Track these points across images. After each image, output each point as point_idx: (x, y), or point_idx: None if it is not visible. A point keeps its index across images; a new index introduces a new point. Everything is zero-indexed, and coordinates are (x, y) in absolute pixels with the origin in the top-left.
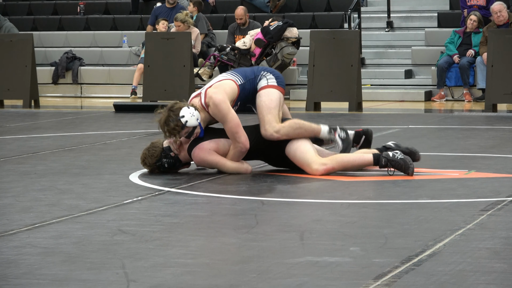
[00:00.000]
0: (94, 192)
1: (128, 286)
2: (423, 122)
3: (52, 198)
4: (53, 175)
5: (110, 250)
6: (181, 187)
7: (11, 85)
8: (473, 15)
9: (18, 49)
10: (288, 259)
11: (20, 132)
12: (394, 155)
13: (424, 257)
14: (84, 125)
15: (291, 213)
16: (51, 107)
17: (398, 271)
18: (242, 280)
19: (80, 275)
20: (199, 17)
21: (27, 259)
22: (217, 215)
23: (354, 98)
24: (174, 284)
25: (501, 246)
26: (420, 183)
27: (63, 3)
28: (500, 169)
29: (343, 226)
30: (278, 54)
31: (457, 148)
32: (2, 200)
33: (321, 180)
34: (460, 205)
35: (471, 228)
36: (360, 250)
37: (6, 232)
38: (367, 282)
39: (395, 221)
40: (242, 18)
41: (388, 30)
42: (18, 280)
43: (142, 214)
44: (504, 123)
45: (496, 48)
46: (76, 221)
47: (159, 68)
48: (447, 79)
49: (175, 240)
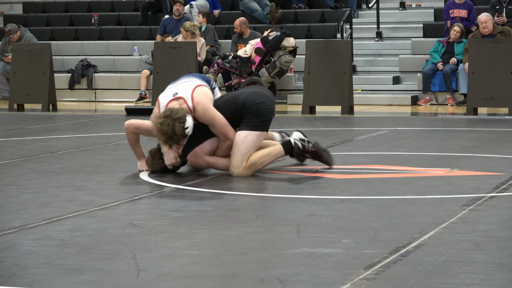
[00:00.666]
0: (107, 189)
1: (138, 275)
2: (409, 125)
3: (69, 194)
4: (70, 173)
5: (122, 242)
6: (187, 184)
7: (31, 91)
8: (456, 26)
9: (37, 57)
10: (286, 250)
11: (39, 133)
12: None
13: (411, 248)
14: (98, 127)
15: (288, 208)
16: (68, 110)
17: (387, 261)
18: (243, 270)
19: (94, 265)
20: (208, 29)
21: (46, 251)
22: (220, 210)
23: (346, 102)
24: (180, 273)
25: (481, 238)
26: (407, 180)
27: (79, 15)
28: (480, 168)
29: (336, 220)
30: (276, 62)
31: (441, 148)
32: (23, 196)
33: (315, 178)
34: (444, 200)
35: (454, 222)
36: (352, 242)
37: (26, 226)
38: (358, 271)
39: (384, 215)
40: (238, 28)
41: (378, 40)
42: (37, 270)
43: (151, 209)
44: (484, 125)
45: (477, 56)
46: (91, 216)
47: (167, 74)
48: (431, 85)
49: (182, 232)
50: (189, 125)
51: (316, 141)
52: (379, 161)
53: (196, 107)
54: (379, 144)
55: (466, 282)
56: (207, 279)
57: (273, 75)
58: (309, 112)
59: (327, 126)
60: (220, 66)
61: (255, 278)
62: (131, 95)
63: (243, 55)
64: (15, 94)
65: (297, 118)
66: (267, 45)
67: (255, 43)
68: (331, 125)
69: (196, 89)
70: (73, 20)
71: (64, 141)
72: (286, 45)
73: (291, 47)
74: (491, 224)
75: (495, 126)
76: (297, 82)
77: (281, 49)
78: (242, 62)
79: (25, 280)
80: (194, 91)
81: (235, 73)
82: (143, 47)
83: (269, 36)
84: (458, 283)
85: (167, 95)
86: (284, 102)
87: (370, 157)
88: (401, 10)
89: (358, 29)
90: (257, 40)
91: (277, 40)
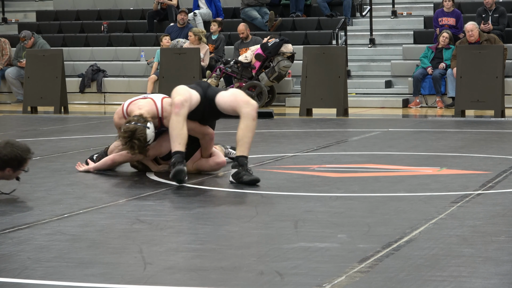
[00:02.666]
0: (115, 187)
1: (145, 268)
2: (401, 126)
3: (79, 192)
4: (80, 172)
5: (129, 237)
6: (191, 182)
7: (44, 94)
8: (445, 32)
9: (49, 62)
10: (284, 244)
11: (52, 134)
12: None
13: (402, 243)
14: (107, 128)
15: (287, 204)
16: (79, 112)
17: (380, 255)
18: (244, 263)
19: (103, 258)
20: (220, 39)
21: (57, 245)
22: (222, 207)
23: (341, 105)
24: (185, 266)
25: (469, 233)
26: (398, 178)
27: (89, 23)
28: (468, 167)
29: (332, 216)
30: (275, 67)
31: (431, 148)
32: (36, 194)
33: (312, 176)
34: (433, 198)
35: (443, 217)
36: (346, 237)
37: (39, 221)
38: (353, 264)
39: (377, 211)
40: (244, 32)
41: (371, 46)
42: (49, 263)
43: (157, 205)
44: (471, 126)
45: (464, 61)
46: (100, 212)
47: (172, 79)
48: (422, 88)
49: (186, 228)
50: (150, 139)
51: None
52: (372, 161)
53: (166, 109)
54: (372, 145)
55: (455, 274)
56: (210, 271)
57: (272, 79)
58: (306, 114)
59: (323, 127)
60: (222, 71)
61: (255, 271)
62: None
63: (244, 61)
64: (29, 97)
65: (295, 120)
66: (267, 51)
67: (255, 49)
68: (327, 127)
69: (166, 98)
70: (83, 28)
71: (75, 141)
72: (285, 51)
73: (289, 53)
74: (478, 220)
75: (482, 127)
76: (295, 86)
77: (279, 55)
78: (243, 67)
79: (38, 273)
80: (165, 98)
81: (236, 77)
82: (149, 53)
83: (269, 43)
84: (447, 275)
85: (134, 97)
86: (282, 105)
87: (364, 157)
88: (393, 18)
89: (353, 36)
90: (257, 46)
91: (276, 46)
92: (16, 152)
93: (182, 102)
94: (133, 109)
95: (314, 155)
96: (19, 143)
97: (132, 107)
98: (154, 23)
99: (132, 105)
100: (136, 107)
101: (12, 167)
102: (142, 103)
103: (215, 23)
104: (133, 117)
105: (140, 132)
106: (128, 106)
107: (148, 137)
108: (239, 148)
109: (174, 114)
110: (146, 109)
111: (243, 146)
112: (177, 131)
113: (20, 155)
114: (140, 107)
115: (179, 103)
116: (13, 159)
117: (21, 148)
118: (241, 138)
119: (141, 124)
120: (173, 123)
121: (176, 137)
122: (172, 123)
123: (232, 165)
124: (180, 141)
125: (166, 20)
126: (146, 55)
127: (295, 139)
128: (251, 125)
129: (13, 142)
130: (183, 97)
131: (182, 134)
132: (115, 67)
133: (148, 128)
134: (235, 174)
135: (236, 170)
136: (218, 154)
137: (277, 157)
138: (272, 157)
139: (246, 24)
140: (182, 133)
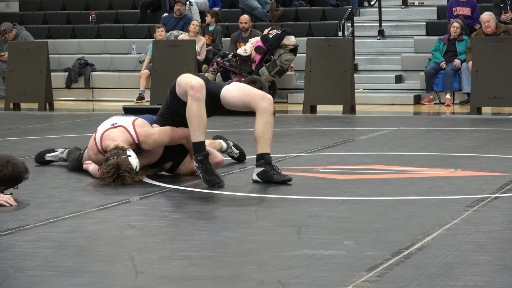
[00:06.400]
0: (104, 190)
1: (137, 277)
2: (412, 124)
3: (66, 195)
4: (67, 174)
5: (119, 243)
6: (186, 184)
7: (28, 90)
8: (456, 22)
9: (34, 56)
10: (286, 252)
11: (36, 133)
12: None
13: (414, 250)
14: (96, 127)
15: (289, 209)
16: (65, 110)
17: (389, 263)
18: (243, 272)
19: (92, 267)
20: (217, 30)
21: (42, 252)
22: (220, 211)
23: (348, 101)
24: (179, 275)
25: (485, 240)
26: (409, 181)
27: (76, 13)
28: (484, 168)
29: (338, 221)
30: (277, 61)
31: (444, 148)
32: (19, 197)
33: (317, 178)
34: (447, 201)
35: (457, 223)
36: (353, 244)
37: (23, 227)
38: (360, 273)
39: (386, 216)
40: (247, 23)
41: (380, 38)
42: (33, 272)
43: (149, 210)
44: (488, 125)
45: (480, 54)
46: (88, 217)
47: (166, 73)
48: (434, 85)
49: (180, 234)
50: (136, 165)
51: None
52: (381, 161)
53: (140, 133)
54: (381, 144)
55: (470, 284)
56: (206, 281)
57: (273, 74)
58: (310, 111)
59: (328, 125)
60: (219, 64)
61: (255, 280)
62: (129, 94)
63: (243, 54)
64: (11, 93)
65: (298, 118)
66: (268, 43)
67: (255, 41)
68: (333, 125)
69: (136, 120)
70: (70, 18)
71: (61, 141)
72: (287, 43)
73: (291, 45)
74: (495, 225)
75: (499, 125)
76: (298, 81)
77: (281, 47)
78: (242, 61)
79: (21, 282)
80: (135, 121)
81: (235, 72)
82: (141, 46)
83: (270, 34)
84: (461, 285)
85: (105, 124)
86: (284, 101)
87: (372, 157)
88: (403, 7)
89: (360, 27)
90: (257, 38)
91: (278, 38)
92: (17, 173)
93: (202, 85)
94: (108, 144)
95: (319, 156)
96: (18, 162)
97: (107, 142)
98: (147, 13)
99: (105, 140)
100: (110, 141)
101: (7, 186)
102: (115, 134)
103: (209, 14)
104: (110, 151)
105: (124, 164)
106: (102, 141)
107: (134, 165)
108: (261, 146)
109: (194, 99)
110: (121, 139)
111: (265, 143)
112: (199, 119)
113: (19, 176)
114: (114, 138)
115: (199, 86)
116: (12, 180)
117: (21, 168)
118: (262, 135)
119: (121, 155)
120: (194, 110)
121: (199, 126)
122: (192, 110)
123: (257, 164)
124: (203, 130)
125: (159, 10)
126: (138, 48)
127: (298, 138)
128: (271, 121)
129: (14, 162)
130: (201, 80)
131: (204, 121)
132: (104, 61)
133: (130, 156)
134: (263, 173)
135: (263, 168)
136: (215, 153)
137: (279, 157)
138: (274, 158)
139: (249, 15)
140: (204, 121)
